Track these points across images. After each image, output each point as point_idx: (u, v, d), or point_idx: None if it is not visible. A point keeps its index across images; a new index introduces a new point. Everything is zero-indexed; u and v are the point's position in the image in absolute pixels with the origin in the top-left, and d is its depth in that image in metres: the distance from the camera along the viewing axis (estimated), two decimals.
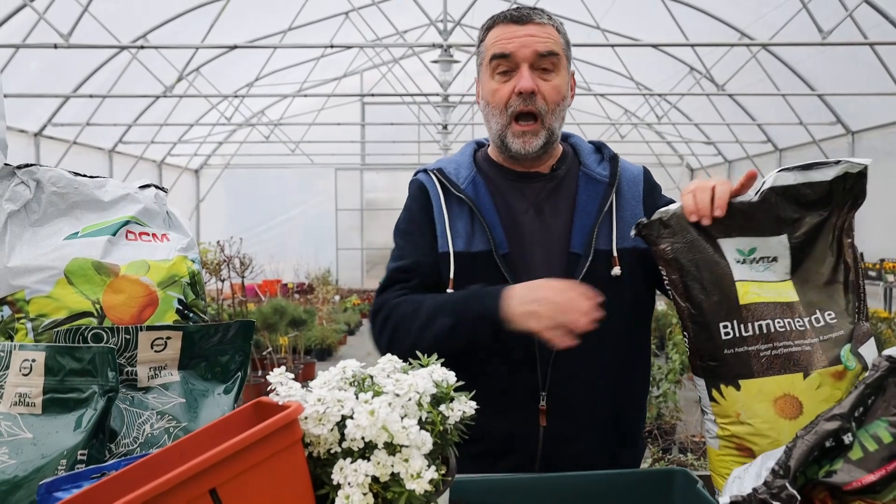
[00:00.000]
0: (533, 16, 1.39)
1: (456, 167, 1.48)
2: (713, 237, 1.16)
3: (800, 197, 1.15)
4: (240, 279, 6.36)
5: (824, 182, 1.14)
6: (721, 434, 1.14)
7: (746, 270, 1.15)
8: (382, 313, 1.40)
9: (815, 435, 0.85)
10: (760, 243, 1.16)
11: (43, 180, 1.13)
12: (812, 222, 1.16)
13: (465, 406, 0.88)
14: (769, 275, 1.16)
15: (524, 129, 1.38)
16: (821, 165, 1.14)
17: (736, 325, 1.11)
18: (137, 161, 10.03)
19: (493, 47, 1.39)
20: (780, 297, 1.13)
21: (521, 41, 1.36)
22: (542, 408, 1.36)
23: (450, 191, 1.44)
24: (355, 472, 0.79)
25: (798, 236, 1.16)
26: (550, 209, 1.44)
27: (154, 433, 1.02)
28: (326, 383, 0.86)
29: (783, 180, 1.14)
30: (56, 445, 0.92)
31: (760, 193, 1.15)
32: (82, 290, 1.09)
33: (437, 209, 1.44)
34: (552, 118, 1.39)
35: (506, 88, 1.38)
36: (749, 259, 1.16)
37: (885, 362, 0.90)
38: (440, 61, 7.29)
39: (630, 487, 1.21)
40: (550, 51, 1.37)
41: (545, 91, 1.37)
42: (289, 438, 0.81)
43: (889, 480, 0.85)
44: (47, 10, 5.54)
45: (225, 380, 1.11)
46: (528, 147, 1.39)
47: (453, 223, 1.42)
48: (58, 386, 0.95)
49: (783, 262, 1.16)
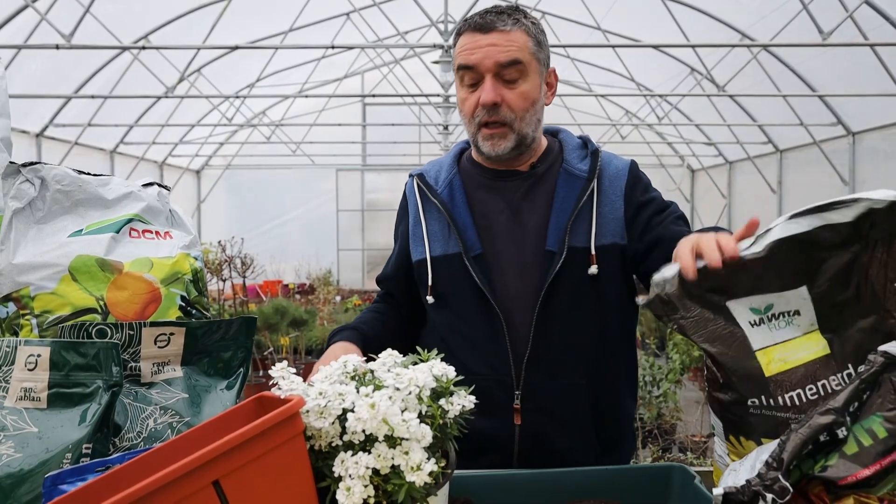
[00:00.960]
0: (497, 23, 1.35)
1: (437, 170, 1.52)
2: (720, 304, 1.02)
3: (818, 243, 0.99)
4: (241, 279, 6.37)
5: (846, 223, 0.98)
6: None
7: (765, 333, 1.02)
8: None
9: (809, 428, 0.86)
10: (776, 299, 1.01)
11: (47, 178, 1.15)
12: (838, 265, 1.00)
13: (464, 400, 0.89)
14: (792, 331, 1.02)
15: (492, 133, 1.39)
16: (838, 206, 0.98)
17: (764, 399, 1.01)
18: (139, 162, 10.04)
19: (459, 57, 1.39)
20: (809, 356, 1.00)
21: (484, 52, 1.34)
22: (516, 406, 1.37)
23: (427, 196, 1.47)
24: (356, 465, 0.80)
25: (820, 284, 1.00)
26: (527, 207, 1.43)
27: (157, 428, 1.03)
28: (328, 377, 0.87)
29: (794, 229, 0.98)
30: (61, 439, 0.93)
31: (767, 247, 0.99)
32: (86, 287, 1.11)
33: (415, 218, 1.49)
34: (521, 124, 1.38)
35: (472, 99, 1.38)
36: (767, 317, 1.02)
37: (881, 358, 0.91)
38: (441, 62, 7.30)
39: (628, 483, 1.21)
40: (513, 59, 1.34)
41: (510, 100, 1.36)
42: (291, 431, 0.82)
43: (884, 475, 0.86)
44: (49, 11, 5.55)
45: (227, 375, 1.12)
46: (496, 149, 1.40)
47: (431, 228, 1.45)
48: (63, 381, 0.96)
49: (807, 314, 1.01)
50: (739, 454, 1.06)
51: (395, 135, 11.23)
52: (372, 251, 13.10)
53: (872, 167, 7.32)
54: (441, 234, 1.43)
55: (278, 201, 12.90)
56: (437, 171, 1.51)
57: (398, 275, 1.55)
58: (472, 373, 1.34)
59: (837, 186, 7.64)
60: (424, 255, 1.44)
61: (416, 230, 1.48)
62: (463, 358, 1.38)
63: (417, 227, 1.47)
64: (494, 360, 1.38)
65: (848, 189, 7.47)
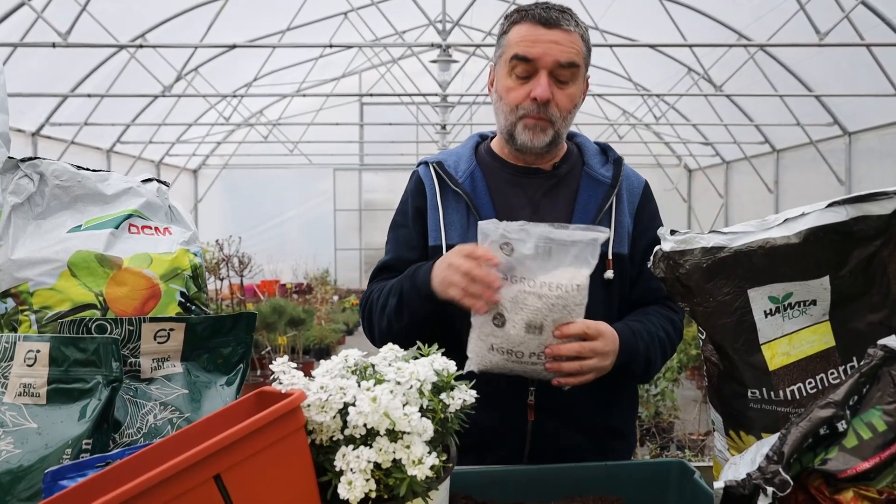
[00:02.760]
0: (561, 20, 1.35)
1: (456, 160, 1.49)
2: (740, 291, 1.01)
3: (851, 234, 0.99)
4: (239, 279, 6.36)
5: (883, 216, 0.98)
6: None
7: (776, 324, 1.02)
8: (365, 308, 1.49)
9: (809, 422, 0.86)
10: (798, 288, 1.01)
11: (46, 173, 1.14)
12: (860, 257, 1.00)
13: (465, 395, 0.89)
14: (804, 320, 1.02)
15: (536, 123, 1.38)
16: (879, 196, 0.98)
17: (765, 392, 1.03)
18: (135, 161, 10.02)
19: (516, 46, 1.36)
20: (813, 348, 1.01)
21: (545, 47, 1.34)
22: (530, 403, 1.38)
23: (447, 184, 1.45)
24: (357, 459, 0.80)
25: (842, 275, 1.00)
26: (548, 206, 1.44)
27: (157, 424, 1.03)
28: (329, 371, 0.87)
29: (831, 218, 0.98)
30: (61, 435, 0.93)
31: (802, 234, 0.98)
32: (85, 283, 1.11)
33: (432, 203, 1.45)
34: (562, 124, 1.40)
35: (521, 91, 1.37)
36: (783, 306, 1.02)
37: (881, 351, 0.91)
38: (439, 61, 7.30)
39: (628, 479, 1.22)
40: (572, 62, 1.35)
41: (559, 100, 1.37)
42: (292, 425, 0.82)
43: (883, 468, 0.87)
44: (45, 9, 5.54)
45: (227, 371, 1.12)
46: (535, 141, 1.39)
47: (448, 216, 1.43)
48: (62, 376, 0.96)
49: (822, 305, 1.02)
50: (739, 449, 1.06)
51: (392, 134, 11.23)
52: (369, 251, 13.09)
53: (868, 167, 7.34)
54: (459, 224, 1.42)
55: (276, 201, 12.89)
56: (456, 160, 1.48)
57: (412, 255, 1.46)
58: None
59: (834, 186, 7.66)
60: (440, 241, 1.41)
61: (432, 215, 1.45)
62: None
63: (434, 213, 1.44)
64: None
65: (844, 189, 7.50)
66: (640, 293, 1.47)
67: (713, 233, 1.04)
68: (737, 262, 1.01)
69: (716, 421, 1.12)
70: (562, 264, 1.19)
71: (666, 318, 1.44)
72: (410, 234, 1.49)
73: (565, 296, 1.19)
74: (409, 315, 1.35)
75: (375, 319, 1.45)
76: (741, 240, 1.01)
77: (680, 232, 1.05)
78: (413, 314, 1.35)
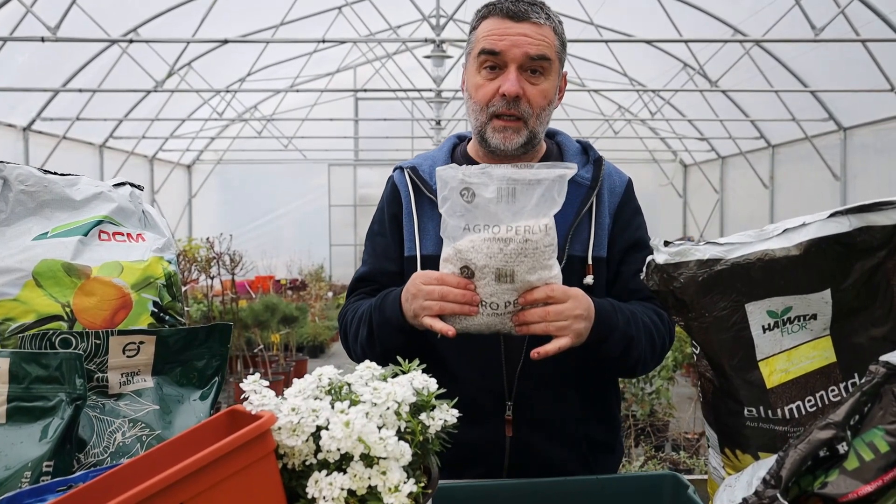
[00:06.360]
0: (530, 13, 1.30)
1: (431, 164, 1.43)
2: (738, 306, 0.96)
3: (854, 245, 0.94)
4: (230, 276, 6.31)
5: (887, 226, 0.94)
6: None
7: (774, 340, 0.97)
8: (341, 329, 1.45)
9: (807, 444, 0.82)
10: (798, 301, 0.96)
11: (10, 178, 1.09)
12: (863, 269, 0.95)
13: (446, 414, 0.85)
14: (804, 335, 0.97)
15: (505, 125, 1.32)
16: (883, 206, 0.93)
17: (762, 410, 0.98)
18: (128, 156, 9.93)
19: (483, 41, 1.31)
20: (812, 364, 0.97)
21: (513, 40, 1.28)
22: (507, 418, 1.33)
23: (421, 190, 1.39)
24: (330, 486, 0.76)
25: (844, 288, 0.96)
26: None
27: (126, 442, 0.99)
28: (301, 392, 0.83)
29: (833, 229, 0.94)
30: (20, 457, 0.88)
31: (802, 246, 0.94)
32: (51, 293, 1.05)
33: (407, 211, 1.40)
34: (535, 122, 1.33)
35: (490, 87, 1.31)
36: (782, 320, 0.97)
37: (882, 368, 0.87)
38: (433, 56, 7.25)
39: (620, 492, 1.18)
40: (542, 55, 1.30)
41: (531, 95, 1.31)
42: (261, 450, 0.77)
43: (885, 490, 0.82)
44: (35, 3, 5.46)
45: (201, 385, 1.07)
46: (507, 143, 1.33)
47: (423, 225, 1.38)
48: (23, 394, 0.91)
49: (822, 319, 0.97)
50: (735, 468, 1.02)
51: (387, 129, 11.17)
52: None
53: (863, 162, 7.32)
54: (433, 233, 1.37)
55: (270, 196, 12.82)
56: (431, 165, 1.43)
57: (390, 267, 1.42)
58: (463, 381, 1.30)
59: (829, 181, 7.64)
60: (414, 252, 1.37)
61: (407, 223, 1.40)
62: (454, 366, 1.34)
63: (409, 221, 1.40)
64: (486, 369, 1.34)
65: (839, 185, 7.48)
66: (618, 294, 1.39)
67: (709, 244, 0.99)
68: (734, 275, 0.96)
69: (710, 438, 1.08)
70: (527, 206, 1.10)
71: (651, 310, 1.37)
72: (387, 242, 1.44)
73: (534, 238, 1.10)
74: (382, 346, 1.31)
75: (350, 345, 1.41)
76: (738, 251, 0.96)
77: (674, 243, 1.00)
78: (385, 345, 1.31)
